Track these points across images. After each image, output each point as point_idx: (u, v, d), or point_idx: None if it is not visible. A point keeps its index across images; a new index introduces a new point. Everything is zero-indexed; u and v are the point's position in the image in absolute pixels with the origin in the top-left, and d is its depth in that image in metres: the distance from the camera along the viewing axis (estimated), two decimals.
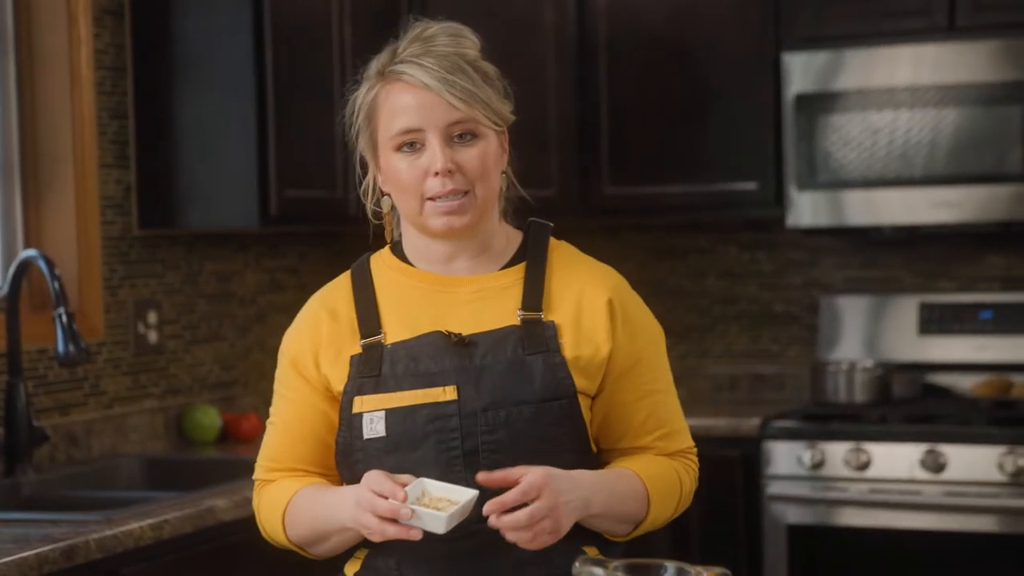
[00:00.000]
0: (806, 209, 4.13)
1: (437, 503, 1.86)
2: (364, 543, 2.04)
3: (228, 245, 4.07)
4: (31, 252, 3.21)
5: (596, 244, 2.18)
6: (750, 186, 4.23)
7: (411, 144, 1.98)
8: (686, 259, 4.65)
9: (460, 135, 1.98)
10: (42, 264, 3.17)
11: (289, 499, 2.04)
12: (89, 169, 3.56)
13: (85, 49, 3.54)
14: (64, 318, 3.13)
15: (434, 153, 1.97)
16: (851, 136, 4.08)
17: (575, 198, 4.35)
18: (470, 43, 2.03)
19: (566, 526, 1.90)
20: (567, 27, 4.36)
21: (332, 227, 4.32)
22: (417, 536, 1.85)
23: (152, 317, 3.77)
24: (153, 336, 3.77)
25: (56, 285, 3.14)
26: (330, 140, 3.85)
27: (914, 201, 4.03)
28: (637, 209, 4.40)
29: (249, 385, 4.15)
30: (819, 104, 4.09)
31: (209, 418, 3.83)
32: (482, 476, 1.88)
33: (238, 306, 4.12)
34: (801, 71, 4.10)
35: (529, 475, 1.87)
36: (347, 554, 2.08)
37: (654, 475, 2.03)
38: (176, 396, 3.87)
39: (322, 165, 3.84)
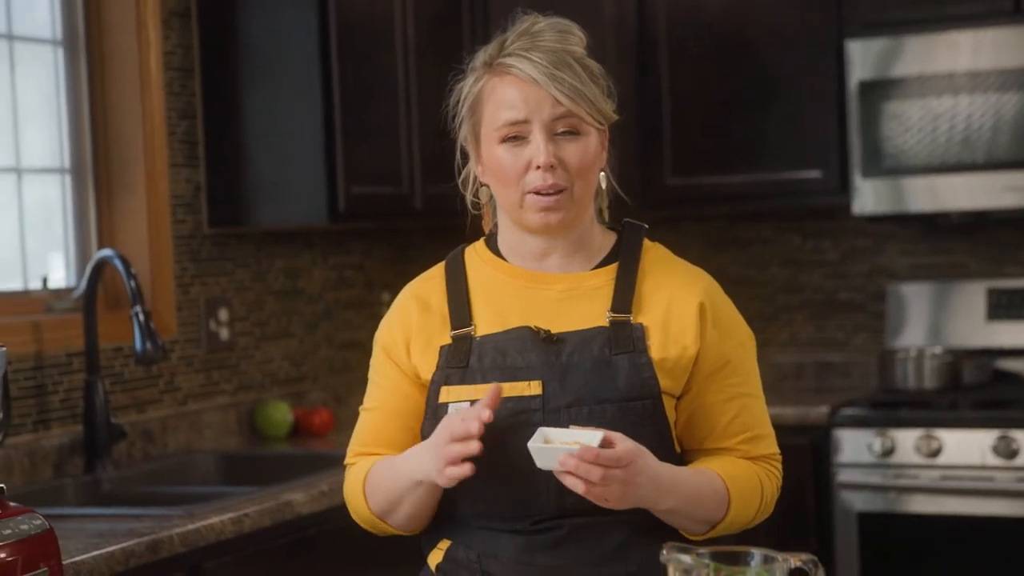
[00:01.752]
0: (870, 196, 4.12)
1: (569, 447, 1.86)
2: (447, 534, 2.06)
3: (295, 242, 4.11)
4: (107, 252, 3.26)
5: (658, 235, 2.18)
6: (814, 174, 4.22)
7: (515, 136, 2.00)
8: (749, 249, 4.65)
9: (563, 131, 2.00)
10: (118, 264, 3.21)
11: (368, 469, 2.07)
12: (160, 169, 3.60)
13: (154, 51, 3.58)
14: (141, 316, 3.17)
15: (538, 146, 1.99)
16: (912, 122, 4.06)
17: (637, 189, 4.35)
18: (577, 39, 2.05)
19: (625, 504, 1.89)
20: (627, 18, 4.37)
21: (398, 223, 4.35)
22: (475, 448, 1.86)
23: (223, 314, 3.81)
24: (224, 333, 3.82)
25: (133, 284, 3.18)
26: (395, 136, 3.88)
27: (978, 186, 4.01)
28: (699, 199, 4.40)
29: (318, 380, 4.19)
30: (880, 91, 4.08)
31: (280, 413, 3.87)
32: (589, 454, 1.84)
33: (306, 303, 4.16)
34: (862, 58, 4.09)
35: (629, 444, 1.87)
36: (430, 545, 2.10)
37: (736, 476, 2.03)
38: (248, 392, 3.91)
39: (388, 161, 3.87)
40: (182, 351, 3.69)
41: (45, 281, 3.42)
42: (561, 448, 1.85)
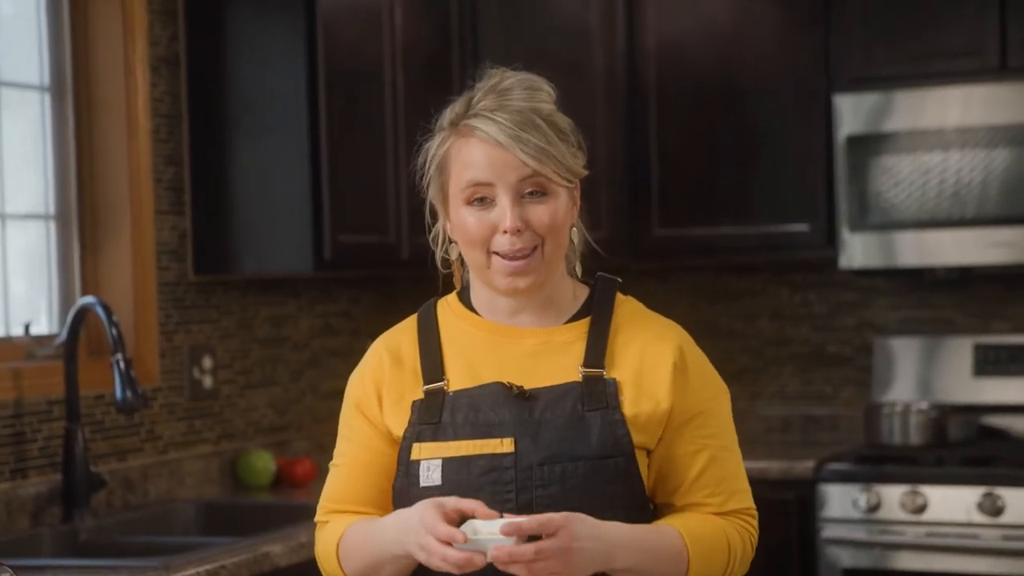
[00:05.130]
0: (858, 250, 4.12)
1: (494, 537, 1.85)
2: None
3: (281, 290, 4.10)
4: (89, 299, 3.25)
5: (646, 287, 2.18)
6: (802, 227, 4.22)
7: (481, 199, 1.98)
8: (738, 301, 4.64)
9: (530, 192, 1.98)
10: (100, 311, 3.20)
11: (343, 532, 2.05)
12: (145, 216, 3.60)
13: (142, 98, 3.58)
14: (122, 364, 3.16)
15: (503, 210, 1.97)
16: (902, 177, 4.07)
17: (625, 240, 4.35)
18: (545, 95, 2.02)
19: (578, 573, 1.87)
20: (617, 69, 4.38)
21: (384, 271, 4.34)
22: (481, 563, 1.83)
23: (207, 362, 3.80)
24: (208, 381, 3.80)
25: (114, 331, 3.17)
26: (382, 185, 3.88)
27: (966, 242, 4.01)
28: (687, 251, 4.40)
29: (303, 429, 4.17)
30: (870, 145, 4.09)
31: (263, 462, 3.85)
32: (510, 527, 1.83)
33: (291, 351, 4.14)
34: (852, 112, 4.10)
35: (552, 514, 1.86)
36: None
37: (698, 535, 1.99)
38: (231, 441, 3.89)
39: (375, 210, 3.86)
40: (164, 399, 3.67)
41: (27, 327, 3.41)
42: (487, 539, 1.83)
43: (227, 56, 3.72)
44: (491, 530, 1.85)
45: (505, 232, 1.97)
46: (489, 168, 1.97)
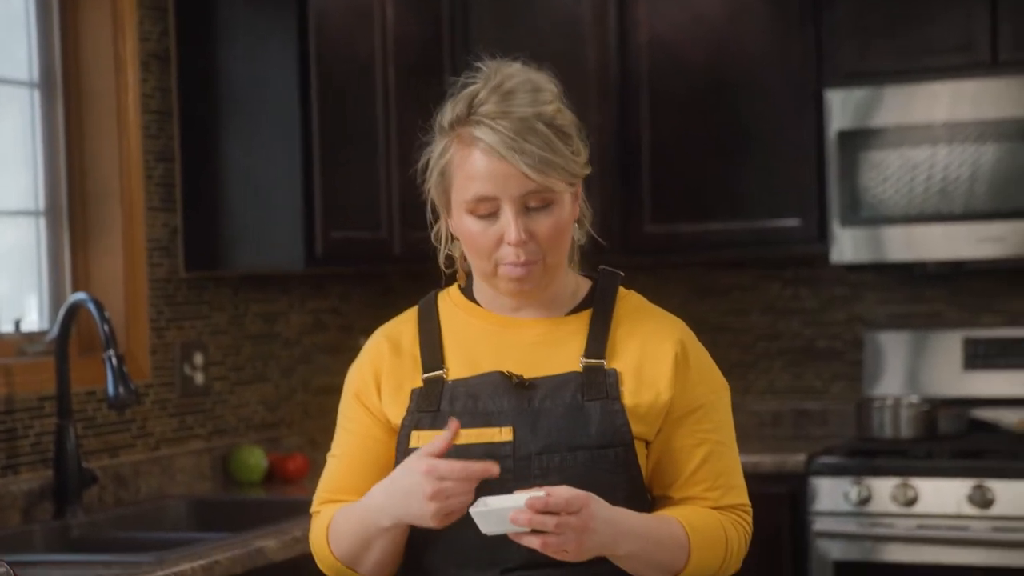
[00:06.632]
0: (848, 245, 4.12)
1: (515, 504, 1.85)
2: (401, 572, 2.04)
3: (272, 287, 4.09)
4: (81, 295, 3.25)
5: (638, 282, 2.17)
6: (793, 222, 4.23)
7: (485, 210, 1.97)
8: (728, 296, 4.65)
9: (535, 205, 1.97)
10: (92, 307, 3.20)
11: (332, 516, 2.06)
12: (136, 212, 3.59)
13: (132, 93, 3.58)
14: (114, 361, 3.15)
15: (508, 223, 1.96)
16: (890, 172, 4.08)
17: (616, 236, 4.35)
18: (549, 95, 1.99)
19: (584, 553, 1.88)
20: (609, 65, 4.38)
21: (376, 267, 4.34)
22: (496, 471, 1.87)
23: (198, 359, 3.79)
24: (199, 377, 3.79)
25: (106, 328, 3.16)
26: (374, 181, 3.88)
27: (956, 236, 4.02)
28: (678, 247, 4.40)
29: (294, 425, 4.16)
30: (859, 140, 4.09)
31: (255, 458, 3.84)
32: (536, 501, 1.84)
33: (282, 347, 4.14)
34: (842, 107, 4.10)
35: (577, 490, 1.86)
36: None
37: (698, 525, 2.00)
38: (222, 437, 3.89)
39: (367, 206, 3.86)
40: (156, 395, 3.66)
41: (18, 324, 3.40)
42: (505, 507, 1.83)
43: (218, 51, 3.72)
44: (506, 503, 1.84)
45: (510, 243, 1.97)
46: (492, 181, 1.95)
